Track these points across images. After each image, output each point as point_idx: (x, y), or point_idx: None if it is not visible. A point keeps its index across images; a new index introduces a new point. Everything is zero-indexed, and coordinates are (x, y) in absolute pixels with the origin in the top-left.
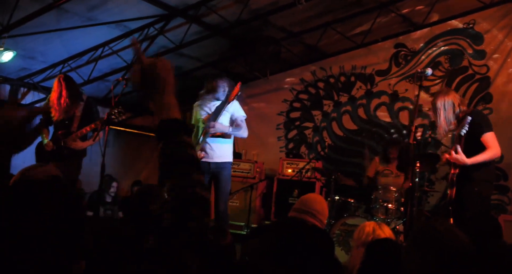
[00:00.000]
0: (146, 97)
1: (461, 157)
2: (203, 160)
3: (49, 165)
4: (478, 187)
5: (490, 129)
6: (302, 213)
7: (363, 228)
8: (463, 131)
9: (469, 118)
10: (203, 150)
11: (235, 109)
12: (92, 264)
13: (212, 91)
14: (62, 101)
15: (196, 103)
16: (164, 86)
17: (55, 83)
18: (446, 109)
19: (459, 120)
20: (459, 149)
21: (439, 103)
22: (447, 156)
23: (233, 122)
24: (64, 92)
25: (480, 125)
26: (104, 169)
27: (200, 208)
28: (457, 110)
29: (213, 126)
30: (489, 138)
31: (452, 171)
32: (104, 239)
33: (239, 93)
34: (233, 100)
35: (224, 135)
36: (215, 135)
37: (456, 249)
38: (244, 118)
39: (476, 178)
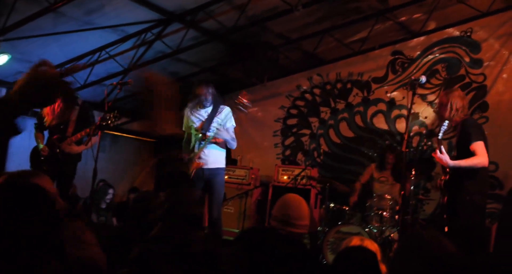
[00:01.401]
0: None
1: (444, 157)
2: None
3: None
4: (470, 196)
5: (479, 139)
6: (280, 222)
7: (351, 240)
8: (440, 135)
9: (446, 122)
10: (200, 157)
11: (228, 118)
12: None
13: (195, 98)
14: (55, 106)
15: (187, 109)
16: (159, 100)
17: None
18: (453, 109)
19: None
20: (443, 149)
21: (452, 102)
22: (433, 154)
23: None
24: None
25: (469, 134)
26: (96, 174)
27: (188, 222)
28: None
29: (219, 131)
30: (476, 146)
31: (443, 178)
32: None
33: (247, 103)
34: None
35: (218, 141)
36: (211, 142)
37: (442, 258)
38: (234, 128)
39: (468, 187)
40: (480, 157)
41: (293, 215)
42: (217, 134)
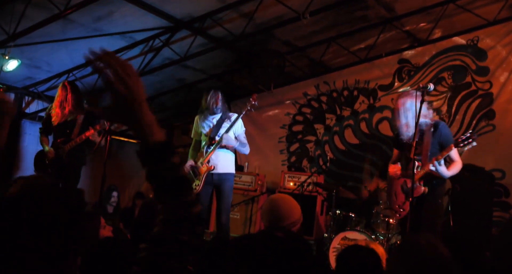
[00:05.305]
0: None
1: (443, 168)
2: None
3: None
4: (441, 199)
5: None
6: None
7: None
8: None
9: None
10: (208, 161)
11: (238, 124)
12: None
13: (204, 105)
14: (65, 104)
15: (197, 116)
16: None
17: (59, 89)
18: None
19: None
20: (442, 162)
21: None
22: (432, 164)
23: (235, 137)
24: (69, 96)
25: (450, 137)
26: (105, 179)
27: (188, 229)
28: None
29: (226, 138)
30: (455, 151)
31: (422, 182)
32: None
33: (255, 104)
34: (246, 111)
35: (227, 146)
36: (221, 147)
37: (436, 263)
38: (244, 132)
39: (438, 193)
40: (459, 162)
41: (281, 217)
42: (224, 141)
